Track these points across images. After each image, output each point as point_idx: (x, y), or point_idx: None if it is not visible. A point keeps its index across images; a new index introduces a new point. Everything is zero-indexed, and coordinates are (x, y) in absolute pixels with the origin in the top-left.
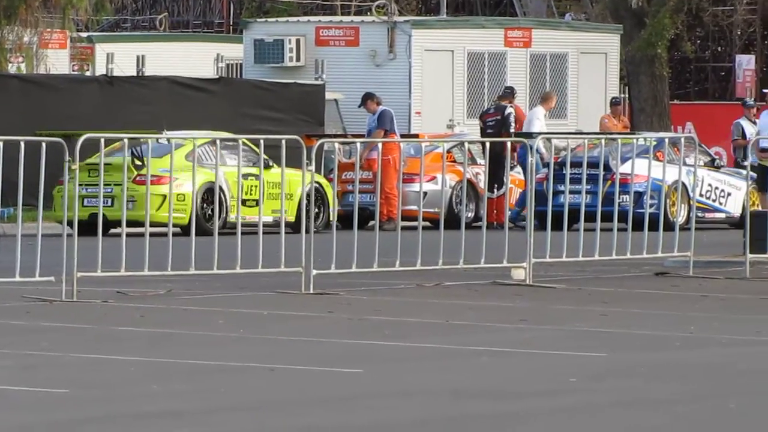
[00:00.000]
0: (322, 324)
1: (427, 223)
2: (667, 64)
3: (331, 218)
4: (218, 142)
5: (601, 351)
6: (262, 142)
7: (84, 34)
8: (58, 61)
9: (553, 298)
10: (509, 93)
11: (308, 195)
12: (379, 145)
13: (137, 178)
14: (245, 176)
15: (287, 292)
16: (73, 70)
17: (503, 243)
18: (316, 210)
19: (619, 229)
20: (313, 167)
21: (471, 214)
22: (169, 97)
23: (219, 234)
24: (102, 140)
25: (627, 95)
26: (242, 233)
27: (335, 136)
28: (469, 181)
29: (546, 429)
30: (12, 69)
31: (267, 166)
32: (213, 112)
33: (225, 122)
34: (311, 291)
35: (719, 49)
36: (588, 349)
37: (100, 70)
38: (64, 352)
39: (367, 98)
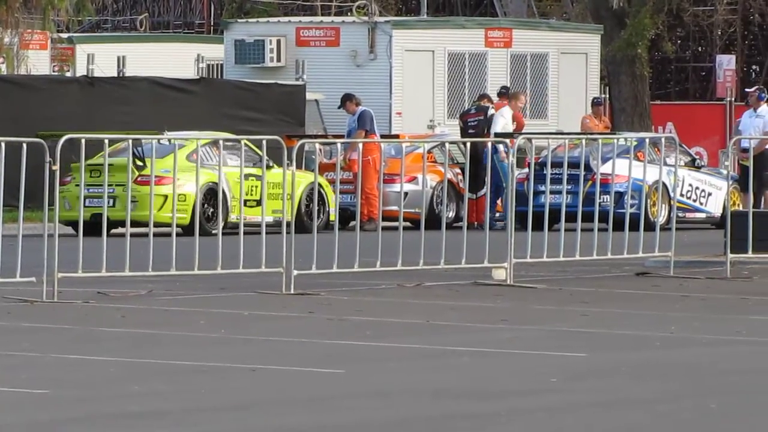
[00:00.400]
0: (303, 324)
1: (408, 224)
2: (648, 64)
3: (331, 218)
4: (221, 142)
5: (581, 351)
6: (243, 142)
7: (65, 35)
8: (38, 62)
9: (534, 299)
10: (505, 92)
11: (308, 196)
12: (360, 146)
13: (138, 179)
14: (245, 177)
15: (268, 292)
16: (54, 71)
17: (484, 243)
18: (320, 209)
19: (599, 230)
20: (293, 167)
21: (452, 215)
22: (150, 97)
23: (218, 234)
24: (106, 141)
25: (607, 95)
26: (244, 233)
27: (316, 136)
28: (450, 182)
29: (526, 429)
30: None
31: (268, 167)
32: (194, 113)
33: (206, 123)
34: (292, 291)
35: (700, 49)
36: (569, 349)
37: (80, 71)
38: (45, 353)
39: (347, 99)
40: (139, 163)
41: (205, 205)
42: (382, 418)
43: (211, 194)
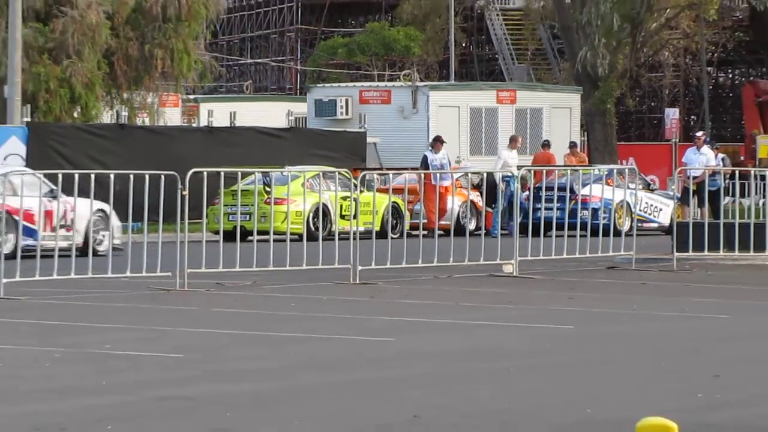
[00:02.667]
0: (365, 306)
1: (441, 232)
2: (615, 116)
3: (406, 228)
4: (321, 174)
5: (569, 324)
6: (337, 173)
7: (191, 96)
8: (172, 116)
9: (534, 286)
10: (546, 143)
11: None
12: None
13: (266, 200)
14: (343, 198)
15: (340, 282)
16: (183, 123)
17: (496, 246)
18: (395, 221)
19: (581, 235)
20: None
21: (473, 226)
22: (254, 142)
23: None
24: (239, 173)
25: (586, 138)
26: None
27: (374, 169)
28: (471, 201)
29: (527, 380)
30: (139, 122)
31: (360, 191)
32: (286, 153)
33: (295, 160)
34: (357, 282)
35: (653, 104)
36: (560, 323)
37: (203, 122)
38: (176, 327)
39: (438, 141)
40: (267, 188)
41: (314, 219)
42: (423, 372)
43: (318, 211)
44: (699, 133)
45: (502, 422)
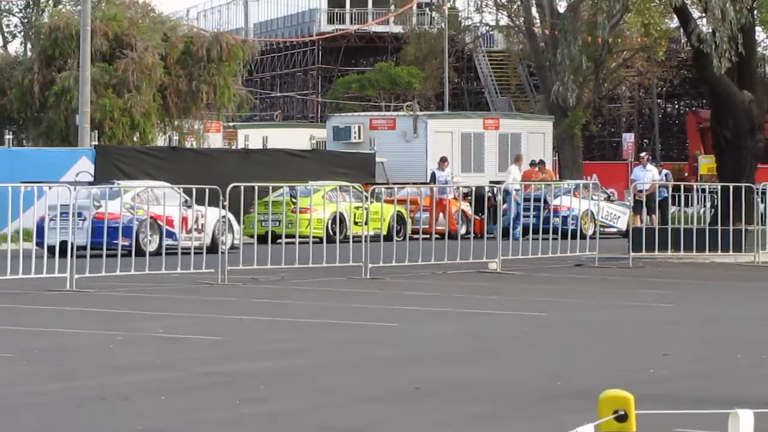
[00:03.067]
0: (374, 296)
1: (438, 235)
2: (581, 139)
3: (408, 232)
4: (338, 188)
5: (543, 312)
6: (352, 186)
7: (231, 123)
8: (215, 140)
9: (514, 280)
10: (537, 162)
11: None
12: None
13: (293, 210)
14: (356, 207)
15: (354, 277)
16: (224, 145)
17: (483, 247)
18: (399, 227)
19: (553, 238)
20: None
21: (464, 230)
22: (282, 162)
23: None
24: (270, 187)
25: (557, 158)
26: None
27: (381, 183)
28: (462, 210)
29: (510, 359)
30: (187, 145)
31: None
32: (309, 171)
33: (316, 177)
34: (368, 277)
35: (612, 129)
36: (536, 311)
37: (240, 145)
38: (219, 315)
39: (444, 160)
40: (294, 200)
41: (332, 225)
42: (423, 352)
43: (335, 218)
44: (642, 154)
45: (488, 393)
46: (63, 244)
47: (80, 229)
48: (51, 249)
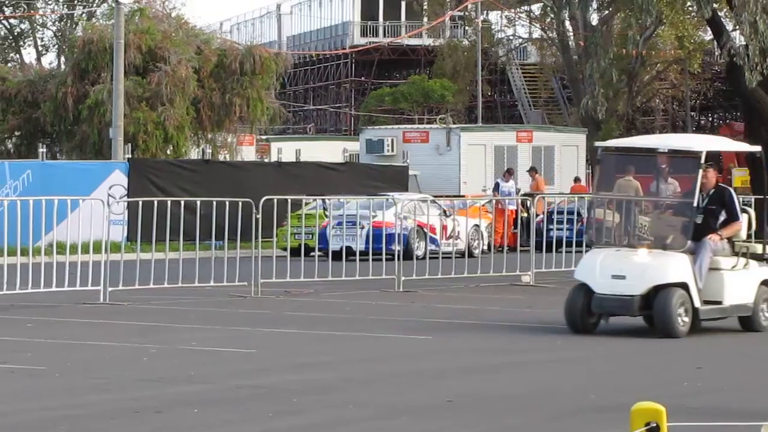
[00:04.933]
0: (406, 309)
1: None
2: None
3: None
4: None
5: None
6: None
7: (264, 136)
8: (248, 153)
9: (547, 293)
10: (533, 169)
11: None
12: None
13: (323, 222)
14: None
15: (387, 290)
16: (257, 158)
17: (516, 260)
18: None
19: (585, 251)
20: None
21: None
22: (315, 174)
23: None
24: (303, 200)
25: (590, 171)
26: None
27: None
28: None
29: (543, 370)
30: (221, 158)
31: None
32: (342, 184)
33: (350, 190)
34: (401, 289)
35: None
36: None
37: (273, 158)
38: (253, 327)
39: (508, 172)
40: (326, 213)
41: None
42: (457, 365)
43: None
44: (663, 166)
45: (520, 405)
46: (344, 250)
47: (360, 237)
48: (334, 254)
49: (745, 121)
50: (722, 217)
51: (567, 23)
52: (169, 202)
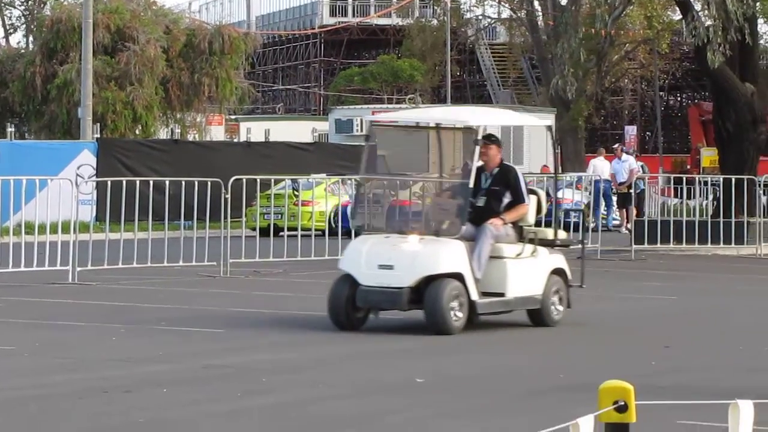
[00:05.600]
0: None
1: None
2: (583, 132)
3: None
4: (340, 180)
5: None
6: (353, 179)
7: (233, 116)
8: (217, 133)
9: None
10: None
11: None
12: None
13: (295, 202)
14: None
15: None
16: (226, 138)
17: None
18: None
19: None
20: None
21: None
22: (284, 154)
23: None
24: (272, 180)
25: (559, 151)
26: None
27: (384, 176)
28: None
29: (512, 350)
30: (189, 138)
31: None
32: (311, 164)
33: (319, 169)
34: None
35: (614, 122)
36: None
37: (242, 138)
38: (222, 307)
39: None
40: (296, 192)
41: (335, 218)
42: (426, 345)
43: (338, 211)
44: (616, 146)
45: (489, 385)
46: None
47: (379, 214)
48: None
49: (713, 101)
50: (507, 199)
51: (536, 3)
52: (137, 182)
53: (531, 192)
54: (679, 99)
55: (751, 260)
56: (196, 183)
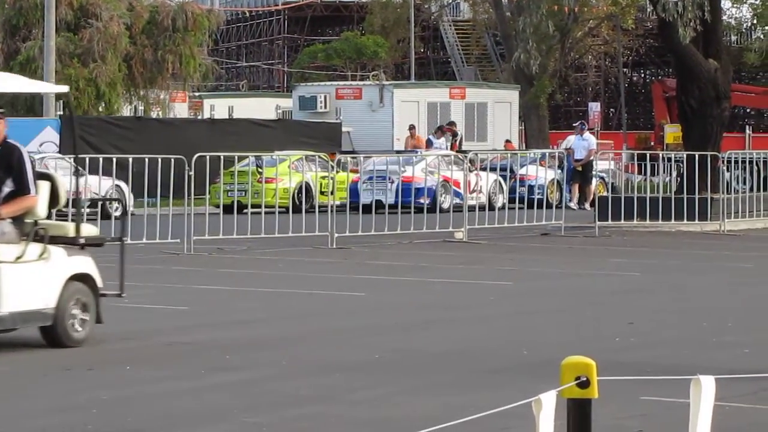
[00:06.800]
0: (340, 266)
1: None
2: (547, 109)
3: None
4: (304, 158)
5: (509, 281)
6: (318, 156)
7: (196, 93)
8: (180, 110)
9: (480, 250)
10: (453, 123)
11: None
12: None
13: (258, 179)
14: (322, 177)
15: (320, 247)
16: (190, 115)
17: (449, 217)
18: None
19: (519, 208)
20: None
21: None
22: (248, 131)
23: (305, 212)
24: (236, 157)
25: (523, 127)
26: (319, 211)
27: (347, 152)
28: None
29: (475, 327)
30: (153, 115)
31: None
32: (275, 141)
33: (283, 146)
34: (334, 246)
35: (578, 99)
36: (502, 280)
37: (206, 115)
38: (185, 285)
39: (439, 129)
40: (260, 169)
41: (299, 195)
42: (389, 322)
43: (301, 188)
44: (576, 123)
45: (451, 361)
46: (375, 204)
47: (389, 190)
48: (365, 207)
49: (677, 78)
50: (8, 188)
51: None
52: (101, 159)
53: (44, 177)
54: (642, 75)
55: (715, 236)
56: (160, 160)
